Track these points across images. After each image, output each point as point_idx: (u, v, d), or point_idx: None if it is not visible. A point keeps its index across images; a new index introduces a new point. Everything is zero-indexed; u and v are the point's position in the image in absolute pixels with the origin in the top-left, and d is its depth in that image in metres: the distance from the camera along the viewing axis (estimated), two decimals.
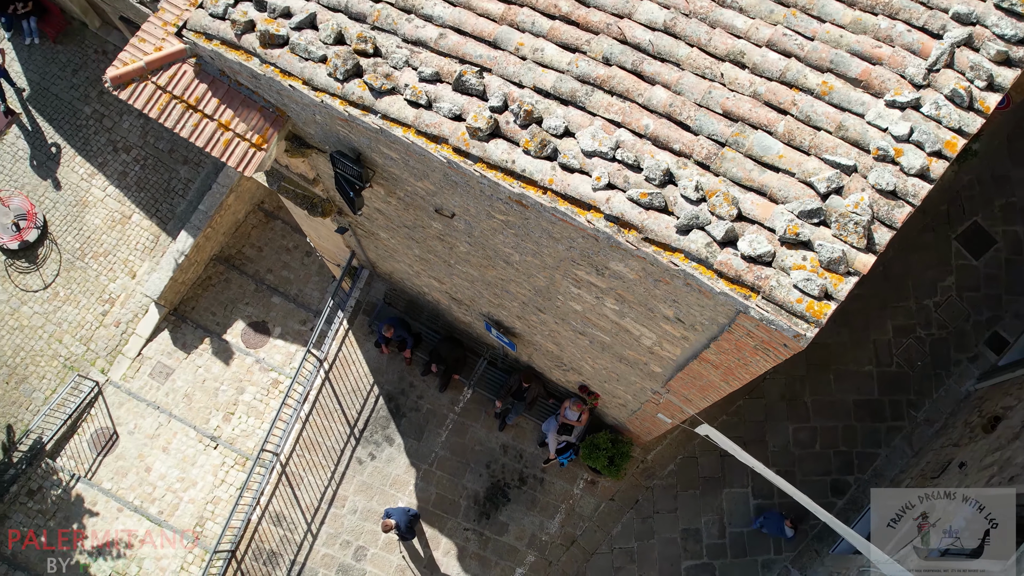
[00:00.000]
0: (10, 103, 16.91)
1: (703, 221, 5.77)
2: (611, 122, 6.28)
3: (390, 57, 6.97)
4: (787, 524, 12.08)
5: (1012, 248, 13.19)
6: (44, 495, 14.91)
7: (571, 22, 6.76)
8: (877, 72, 6.02)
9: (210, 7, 7.74)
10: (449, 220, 8.09)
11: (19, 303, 16.12)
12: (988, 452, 10.19)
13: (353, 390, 12.80)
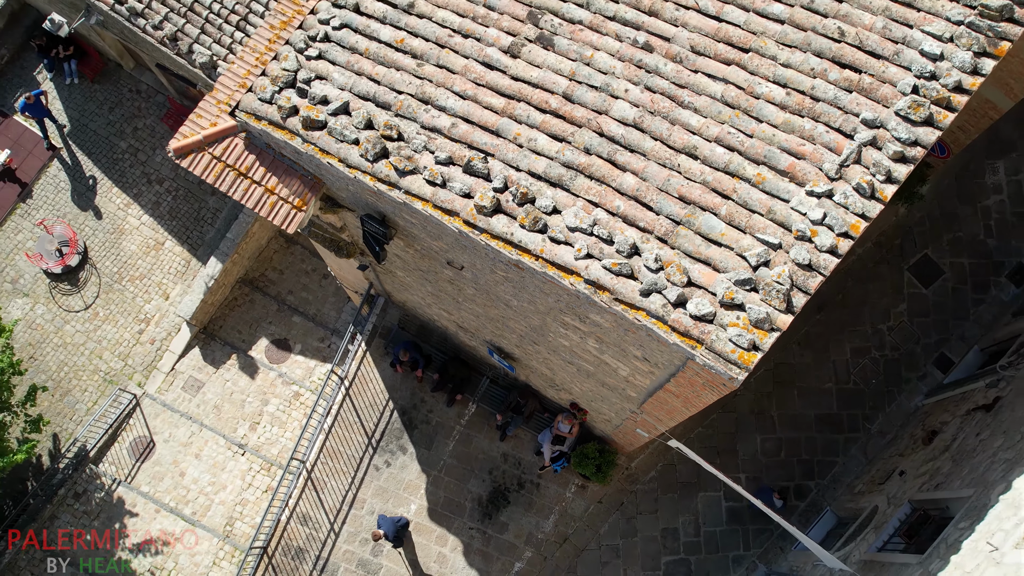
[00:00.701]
0: (52, 139, 18.48)
1: (660, 287, 7.34)
2: (590, 202, 7.86)
3: (411, 142, 8.54)
4: (775, 496, 13.67)
5: (958, 278, 14.77)
6: (89, 497, 16.48)
7: (559, 116, 8.33)
8: (801, 166, 7.59)
9: (259, 92, 9.30)
10: (458, 271, 9.67)
11: (63, 322, 17.69)
12: (924, 462, 11.76)
13: (370, 405, 14.39)
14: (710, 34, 8.32)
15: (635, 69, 8.33)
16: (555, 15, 8.81)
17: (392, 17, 9.19)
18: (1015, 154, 15.18)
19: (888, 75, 7.78)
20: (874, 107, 7.71)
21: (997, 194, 15.02)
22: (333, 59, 9.21)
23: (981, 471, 9.90)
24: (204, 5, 15.32)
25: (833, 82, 7.86)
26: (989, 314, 14.45)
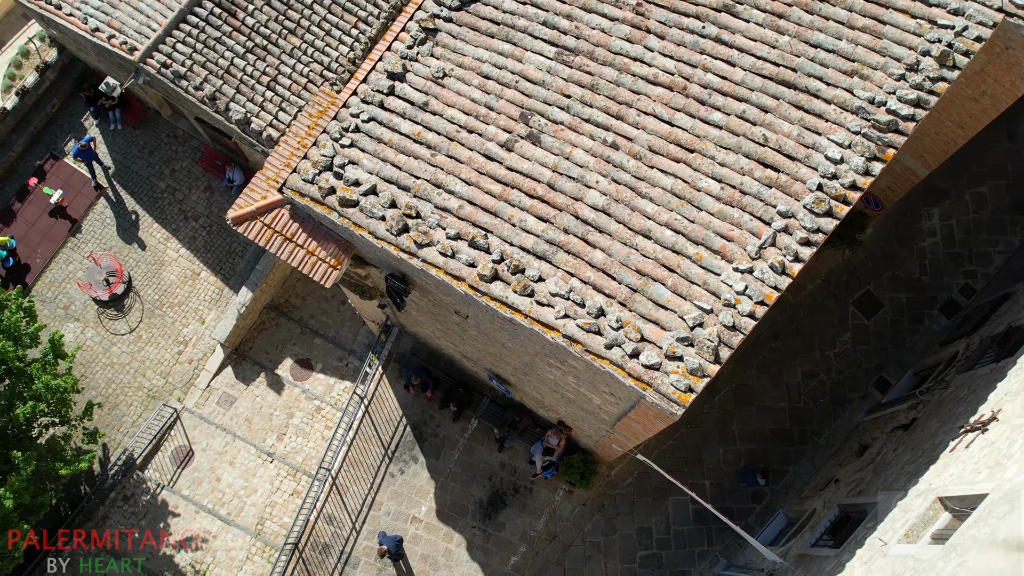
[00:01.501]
0: (99, 179, 20.69)
1: (620, 342, 9.55)
2: (568, 273, 10.08)
3: (427, 219, 10.77)
4: (758, 476, 15.88)
5: (896, 311, 16.98)
6: (136, 500, 18.70)
7: (544, 201, 10.55)
8: (730, 247, 9.81)
9: (302, 174, 11.53)
10: (464, 318, 11.89)
11: (110, 344, 19.91)
12: (854, 471, 13.97)
13: (387, 420, 16.61)
14: (663, 136, 10.54)
15: (604, 164, 10.56)
16: (542, 116, 11.03)
17: (411, 113, 11.43)
18: (948, 202, 17.41)
19: (800, 174, 10.01)
20: (788, 200, 9.94)
21: (931, 237, 17.25)
22: (363, 147, 11.43)
23: (890, 480, 12.12)
24: (239, 68, 17.54)
25: (758, 179, 10.08)
26: (922, 342, 16.67)
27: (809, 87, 10.40)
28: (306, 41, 18.04)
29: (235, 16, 17.76)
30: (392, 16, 18.53)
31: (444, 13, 11.93)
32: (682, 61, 10.89)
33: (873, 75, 10.35)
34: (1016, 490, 8.41)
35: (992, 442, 10.08)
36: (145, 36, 17.56)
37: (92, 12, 18.11)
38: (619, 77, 10.98)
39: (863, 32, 10.61)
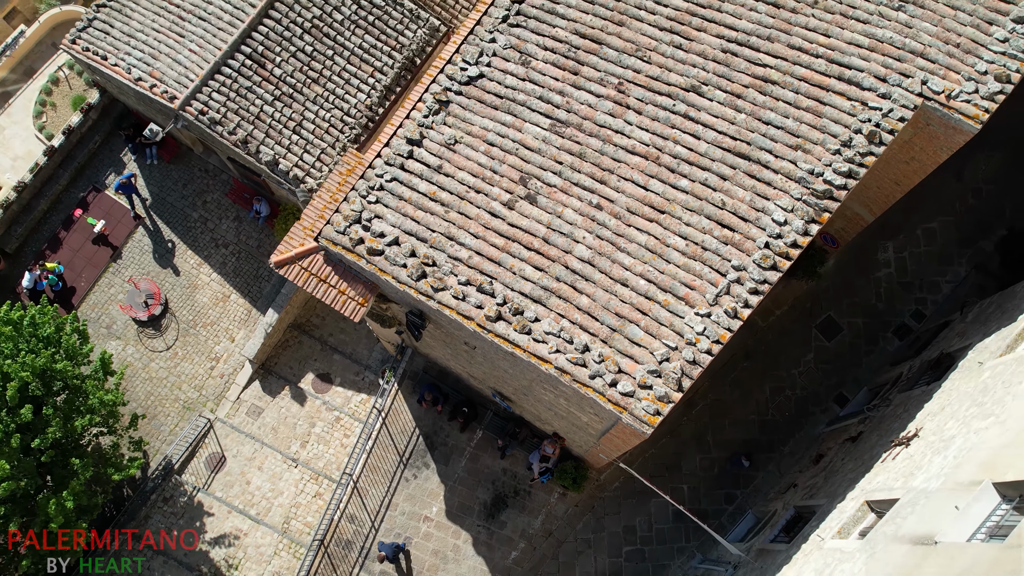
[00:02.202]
0: (138, 210, 22.78)
1: (602, 373, 11.65)
2: (559, 315, 12.17)
3: (441, 267, 12.85)
4: (743, 458, 17.97)
5: (854, 334, 19.08)
6: (175, 502, 20.78)
7: (540, 253, 12.64)
8: (692, 295, 11.90)
9: (335, 226, 13.61)
10: (472, 348, 13.98)
11: (148, 360, 21.99)
12: (810, 477, 16.06)
13: (402, 431, 18.70)
14: (639, 199, 12.64)
15: (590, 222, 12.66)
16: (538, 179, 13.13)
17: (427, 175, 13.52)
18: (902, 236, 19.50)
19: (751, 234, 12.10)
20: (741, 256, 12.03)
21: (887, 268, 19.34)
22: (387, 203, 13.52)
23: (835, 486, 14.22)
24: (267, 114, 19.63)
25: (716, 237, 12.18)
26: (877, 362, 18.75)
27: (761, 159, 12.50)
28: (327, 89, 20.13)
29: (264, 67, 19.82)
30: (405, 67, 20.64)
31: (455, 87, 14.02)
32: (656, 134, 12.99)
33: (814, 149, 12.45)
34: (917, 497, 10.52)
35: (911, 455, 12.18)
36: (183, 85, 19.62)
37: (135, 63, 20.19)
38: (603, 147, 13.08)
39: (807, 112, 12.71)
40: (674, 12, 13.71)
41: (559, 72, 13.70)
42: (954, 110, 12.43)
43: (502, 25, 14.22)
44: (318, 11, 20.23)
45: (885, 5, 13.19)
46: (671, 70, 13.32)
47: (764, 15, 13.42)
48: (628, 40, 13.65)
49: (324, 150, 19.90)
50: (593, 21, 13.92)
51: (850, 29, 13.11)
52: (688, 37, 13.52)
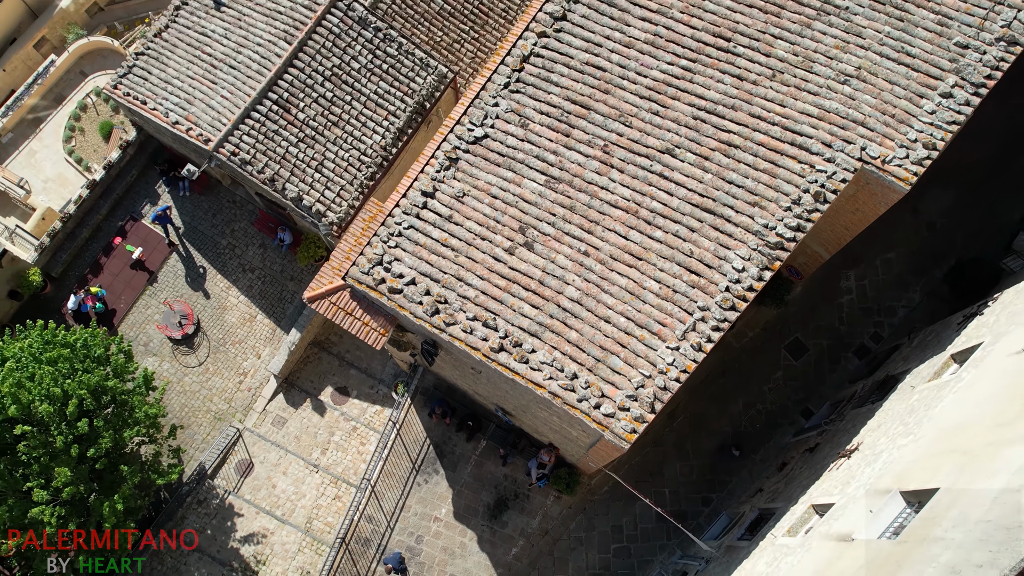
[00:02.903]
0: (171, 238, 24.99)
1: (587, 397, 13.86)
2: (552, 347, 14.38)
3: (452, 305, 15.07)
4: (734, 449, 20.16)
5: (819, 354, 21.28)
6: (208, 504, 22.99)
7: (536, 294, 14.85)
8: (664, 331, 14.12)
9: (360, 267, 15.83)
10: (478, 373, 16.20)
11: (183, 375, 24.21)
12: (774, 483, 18.26)
13: (414, 441, 20.91)
14: (620, 247, 14.85)
15: (579, 267, 14.87)
16: (535, 229, 15.34)
17: (439, 223, 15.73)
18: (862, 265, 21.70)
19: (714, 279, 14.32)
20: (705, 298, 14.24)
21: (848, 294, 21.55)
22: (404, 248, 15.73)
23: (792, 491, 16.42)
24: (292, 155, 21.81)
25: (685, 282, 14.39)
26: (838, 380, 20.95)
27: (724, 214, 14.71)
28: (346, 131, 22.34)
29: (289, 112, 22.03)
30: (416, 111, 22.83)
31: (463, 146, 16.25)
32: (635, 190, 15.20)
33: (768, 206, 14.67)
34: (847, 502, 12.74)
35: (850, 466, 14.39)
36: (217, 129, 21.84)
37: (172, 108, 22.42)
38: (590, 201, 15.30)
39: (763, 173, 14.92)
40: (652, 82, 15.92)
41: (553, 134, 15.92)
42: (888, 173, 14.65)
43: (504, 91, 16.43)
44: (337, 60, 22.40)
45: (833, 79, 15.40)
46: (649, 134, 15.54)
47: (729, 86, 15.63)
48: (613, 107, 15.87)
49: (343, 187, 22.10)
50: (583, 89, 16.13)
51: (802, 100, 15.32)
52: (664, 105, 15.73)
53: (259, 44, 22.58)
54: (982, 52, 15.15)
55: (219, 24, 23.24)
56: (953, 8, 15.51)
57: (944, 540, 8.94)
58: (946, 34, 15.38)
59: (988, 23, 15.34)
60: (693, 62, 15.90)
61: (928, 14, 15.55)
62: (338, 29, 22.45)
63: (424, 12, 25.23)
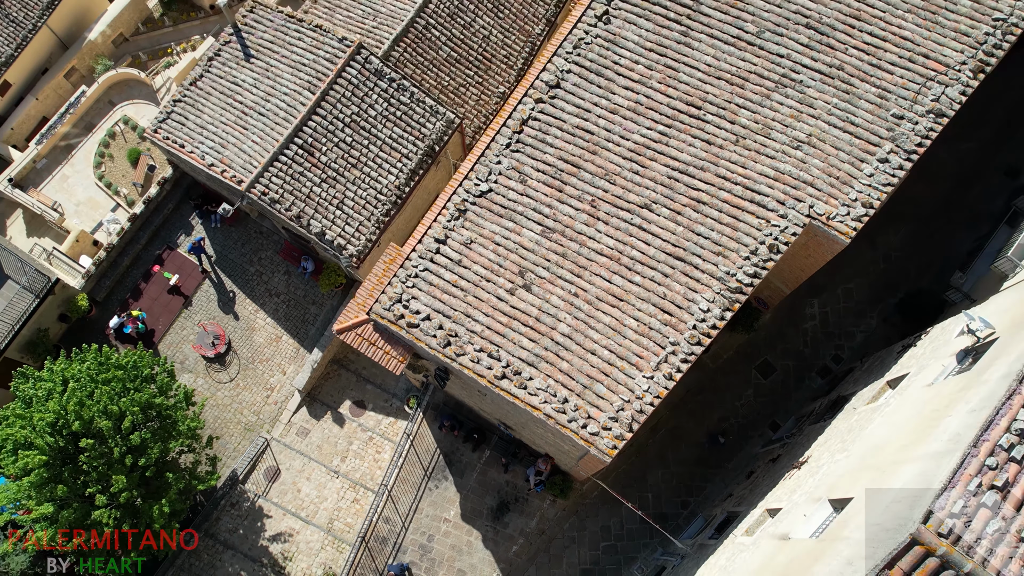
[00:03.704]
0: (204, 266, 27.60)
1: (576, 418, 16.48)
2: (546, 375, 17.00)
3: (462, 338, 17.69)
4: (720, 437, 22.72)
5: (785, 374, 23.88)
6: (240, 506, 25.61)
7: (533, 329, 17.46)
8: (641, 362, 16.73)
9: (382, 304, 18.43)
10: (483, 395, 18.83)
11: (215, 390, 26.83)
12: (742, 489, 20.86)
13: (426, 451, 23.52)
14: (605, 290, 17.45)
15: (570, 306, 17.47)
16: (533, 272, 17.94)
17: (450, 266, 18.33)
18: (825, 294, 24.30)
19: (684, 318, 16.93)
20: (676, 334, 16.85)
21: (812, 320, 24.15)
22: (420, 288, 18.33)
23: (755, 496, 19.03)
24: (316, 194, 24.40)
25: (659, 320, 17.00)
26: (803, 397, 23.55)
27: (692, 262, 17.32)
28: (364, 172, 24.94)
29: (313, 155, 24.63)
30: (427, 153, 25.42)
31: (471, 199, 18.84)
32: (618, 240, 17.80)
33: (730, 255, 17.28)
34: (791, 507, 15.35)
35: (799, 476, 17.00)
36: (248, 170, 24.44)
37: (207, 151, 25.03)
38: (579, 249, 17.90)
39: (727, 227, 17.52)
40: (633, 145, 18.53)
41: (548, 189, 18.53)
42: (832, 228, 17.25)
43: (505, 150, 19.04)
44: (356, 108, 25.00)
45: (787, 145, 18.01)
46: (630, 191, 18.15)
47: (699, 150, 18.24)
48: (599, 166, 18.48)
49: (361, 222, 24.70)
50: (573, 150, 18.74)
51: (761, 163, 17.93)
52: (643, 165, 18.34)
53: (285, 93, 25.18)
54: (915, 123, 17.75)
55: (249, 74, 25.85)
56: (892, 83, 18.12)
57: (848, 539, 11.56)
58: (885, 106, 17.99)
59: (920, 97, 17.95)
60: (668, 127, 18.51)
61: (870, 88, 18.16)
62: (356, 80, 25.03)
63: (433, 59, 27.84)
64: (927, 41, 18.39)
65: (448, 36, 28.06)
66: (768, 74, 18.58)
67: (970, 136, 25.24)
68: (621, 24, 19.58)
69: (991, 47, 18.14)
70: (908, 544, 9.94)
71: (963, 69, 18.04)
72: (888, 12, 18.74)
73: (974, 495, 10.31)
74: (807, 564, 12.17)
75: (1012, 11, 18.40)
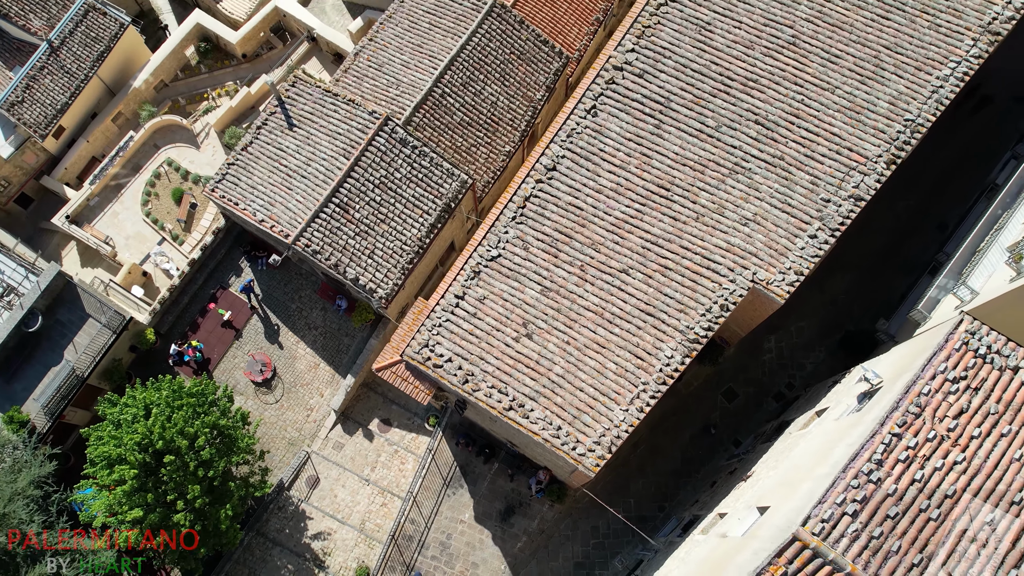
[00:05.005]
0: (253, 303, 32.17)
1: (567, 442, 21.02)
2: (544, 408, 21.55)
3: (476, 377, 22.25)
4: (711, 428, 27.20)
5: (747, 399, 28.37)
6: (285, 509, 30.18)
7: (533, 370, 22.01)
8: (619, 397, 21.27)
9: (413, 348, 23.00)
10: (494, 420, 23.40)
11: (263, 411, 31.40)
12: (706, 497, 25.35)
13: (445, 463, 28.10)
14: (590, 339, 21.98)
15: (563, 352, 22.00)
16: (534, 324, 22.47)
17: (467, 318, 22.87)
18: (780, 331, 28.79)
19: (652, 363, 21.44)
20: (646, 375, 21.36)
21: (770, 353, 28.63)
22: (443, 336, 22.87)
23: (714, 502, 23.53)
24: (351, 246, 28.93)
25: (634, 364, 21.52)
26: (760, 418, 28.03)
27: (660, 317, 21.84)
28: (391, 227, 29.47)
29: (348, 212, 29.15)
30: (444, 209, 29.92)
31: (484, 262, 23.35)
32: (602, 299, 22.32)
33: (690, 312, 21.78)
34: (733, 512, 19.87)
35: (743, 488, 21.50)
36: (293, 225, 28.97)
37: (258, 208, 29.58)
38: (571, 305, 22.42)
39: (688, 289, 22.02)
40: (615, 220, 23.02)
41: (546, 256, 23.04)
42: (770, 291, 21.75)
43: (511, 222, 23.55)
44: (384, 171, 29.52)
45: (737, 222, 22.49)
46: (612, 258, 22.65)
47: (667, 224, 22.72)
48: (587, 237, 22.99)
49: (389, 269, 29.22)
50: (567, 223, 23.23)
51: (716, 237, 22.41)
52: (622, 237, 22.85)
53: (324, 159, 29.72)
54: (839, 205, 22.24)
55: (292, 142, 30.41)
56: (822, 172, 22.60)
57: (759, 537, 16.08)
58: (815, 191, 22.47)
59: (844, 184, 22.43)
60: (643, 206, 23.01)
61: (804, 176, 22.65)
62: (384, 147, 29.55)
63: (448, 123, 32.34)
64: (851, 136, 22.86)
65: (461, 103, 32.51)
66: (724, 162, 23.07)
67: (906, 195, 29.70)
68: (606, 117, 24.09)
69: (902, 143, 22.61)
70: (791, 540, 14.46)
71: (879, 161, 22.51)
72: (822, 111, 23.20)
73: (839, 506, 14.83)
74: (733, 555, 16.70)
75: (919, 112, 22.86)
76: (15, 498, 23.13)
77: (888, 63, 23.32)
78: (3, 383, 29.12)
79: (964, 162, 29.49)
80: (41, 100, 38.55)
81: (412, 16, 33.46)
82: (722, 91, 23.56)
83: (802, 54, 23.63)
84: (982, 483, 15.46)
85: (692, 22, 24.35)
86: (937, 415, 16.04)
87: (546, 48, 33.63)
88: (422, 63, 32.46)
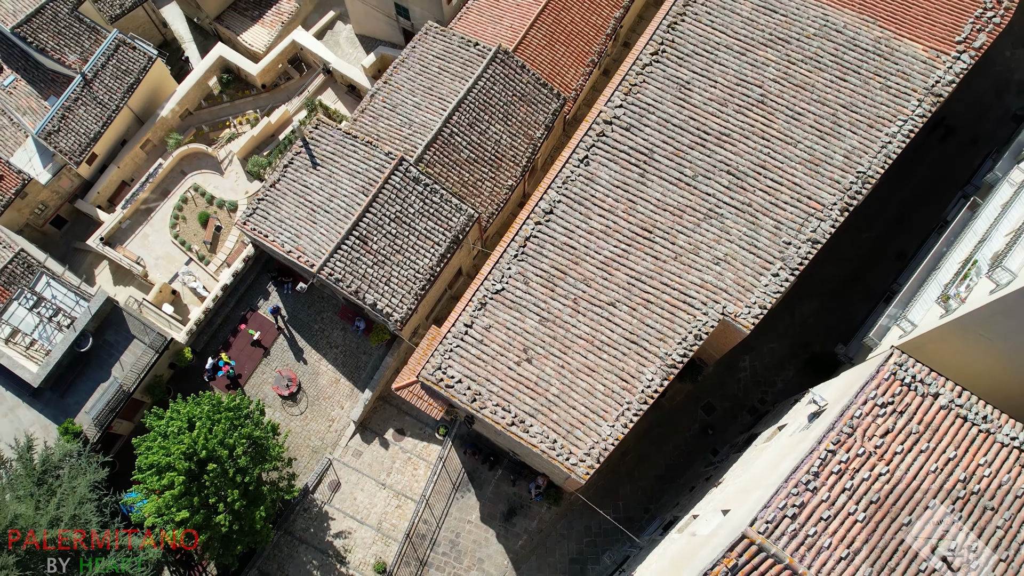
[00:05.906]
0: (280, 324, 35.54)
1: (561, 453, 24.38)
2: (542, 423, 24.90)
3: (484, 396, 25.63)
4: (709, 429, 30.47)
5: (724, 412, 31.68)
6: (310, 511, 33.55)
7: (533, 390, 25.38)
8: (606, 415, 24.62)
9: (427, 371, 26.41)
10: (498, 434, 26.75)
11: (289, 421, 34.77)
12: (686, 500, 28.67)
13: (454, 470, 31.47)
14: (582, 363, 25.33)
15: (558, 375, 25.36)
16: (533, 350, 25.82)
17: (475, 344, 26.23)
18: (754, 352, 32.10)
19: (636, 385, 24.78)
20: (630, 396, 24.69)
21: (744, 371, 31.94)
22: (454, 360, 26.25)
23: (690, 505, 26.86)
24: (370, 274, 32.28)
25: (618, 386, 24.86)
26: (735, 430, 31.34)
27: (643, 344, 25.15)
28: (405, 256, 32.81)
29: (367, 244, 32.49)
30: (453, 241, 33.27)
31: (489, 295, 26.72)
32: (592, 328, 25.65)
33: (668, 340, 25.09)
34: (704, 515, 23.23)
35: (714, 492, 24.84)
36: (318, 256, 32.30)
37: (285, 240, 32.93)
38: (565, 334, 25.77)
39: (667, 320, 25.34)
40: (604, 258, 26.37)
41: (543, 290, 26.39)
42: (738, 322, 25.07)
43: (514, 260, 26.90)
44: (399, 206, 32.85)
45: (710, 261, 25.82)
46: (601, 292, 26.00)
47: (649, 263, 26.06)
48: (580, 273, 26.34)
49: (403, 295, 32.55)
50: (562, 261, 26.57)
51: (692, 274, 25.74)
52: (610, 273, 26.19)
53: (345, 195, 33.05)
54: (798, 247, 25.55)
55: (316, 179, 33.74)
56: (784, 218, 25.91)
57: (718, 535, 19.42)
58: (779, 235, 25.79)
59: (803, 228, 25.74)
60: (629, 246, 26.34)
61: (770, 221, 25.96)
62: (399, 185, 32.87)
63: (455, 160, 35.64)
64: (811, 186, 26.17)
65: (468, 141, 35.81)
66: (699, 208, 26.39)
67: (870, 226, 32.98)
68: (597, 166, 27.42)
69: (854, 192, 25.92)
70: (741, 538, 17.80)
71: (834, 208, 25.82)
72: (785, 163, 26.50)
73: (781, 509, 18.18)
74: (697, 551, 20.05)
75: (870, 165, 26.16)
76: (83, 501, 26.48)
77: (844, 120, 26.60)
78: (58, 397, 32.51)
79: (927, 194, 32.72)
80: (76, 129, 41.51)
81: (423, 61, 36.70)
82: (699, 144, 26.86)
83: (769, 111, 26.92)
84: (902, 491, 18.79)
85: (674, 81, 27.66)
86: (867, 434, 19.36)
87: (545, 91, 36.91)
88: (432, 105, 35.72)
